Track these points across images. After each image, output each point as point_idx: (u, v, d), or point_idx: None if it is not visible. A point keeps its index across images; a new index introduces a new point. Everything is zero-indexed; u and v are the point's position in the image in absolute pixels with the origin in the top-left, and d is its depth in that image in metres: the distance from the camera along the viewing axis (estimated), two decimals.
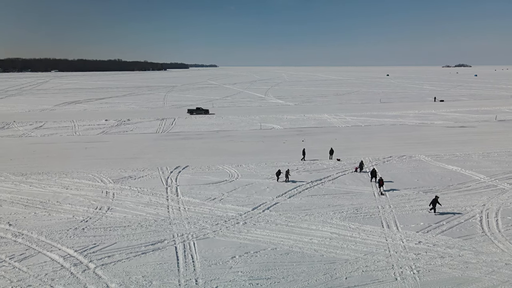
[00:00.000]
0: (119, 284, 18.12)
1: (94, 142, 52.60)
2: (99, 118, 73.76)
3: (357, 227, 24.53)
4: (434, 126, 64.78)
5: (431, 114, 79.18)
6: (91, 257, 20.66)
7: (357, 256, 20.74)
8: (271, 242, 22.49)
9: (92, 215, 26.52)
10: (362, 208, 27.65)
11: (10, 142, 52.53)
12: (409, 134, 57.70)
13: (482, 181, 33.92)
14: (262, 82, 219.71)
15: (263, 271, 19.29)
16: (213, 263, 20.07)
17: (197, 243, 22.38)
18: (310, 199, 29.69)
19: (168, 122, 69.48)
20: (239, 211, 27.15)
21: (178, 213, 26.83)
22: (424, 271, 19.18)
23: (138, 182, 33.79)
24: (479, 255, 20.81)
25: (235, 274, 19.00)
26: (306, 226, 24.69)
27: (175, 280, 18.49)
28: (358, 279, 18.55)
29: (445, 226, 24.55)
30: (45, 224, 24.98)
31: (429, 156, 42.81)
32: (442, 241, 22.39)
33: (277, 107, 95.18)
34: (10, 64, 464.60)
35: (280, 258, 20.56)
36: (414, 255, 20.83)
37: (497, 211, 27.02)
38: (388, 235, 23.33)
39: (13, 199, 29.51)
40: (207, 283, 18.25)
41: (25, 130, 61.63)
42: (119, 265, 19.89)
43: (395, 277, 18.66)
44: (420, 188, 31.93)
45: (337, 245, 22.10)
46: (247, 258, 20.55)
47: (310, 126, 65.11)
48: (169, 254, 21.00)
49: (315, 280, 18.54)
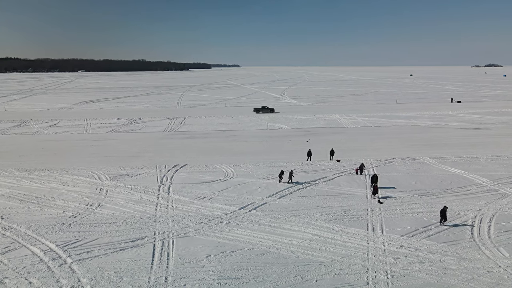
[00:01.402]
0: (90, 279, 18.46)
1: (101, 140, 53.87)
2: (112, 117, 75.48)
3: (341, 229, 24.09)
4: (447, 128, 62.89)
5: (447, 116, 76.89)
6: (71, 252, 21.14)
7: (333, 259, 20.37)
8: (250, 242, 22.39)
9: (82, 211, 27.14)
10: (351, 210, 27.14)
11: (23, 139, 54.47)
12: (418, 135, 56.22)
13: (484, 185, 32.68)
14: (281, 82, 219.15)
15: (235, 271, 19.22)
16: (187, 262, 20.16)
17: (176, 241, 22.53)
18: (300, 200, 29.39)
19: (177, 121, 70.32)
20: (225, 211, 27.17)
21: (165, 211, 27.11)
22: (398, 276, 18.63)
23: (133, 179, 34.35)
24: (461, 261, 20.04)
25: (206, 273, 19.01)
26: (289, 227, 24.45)
27: (145, 277, 18.68)
28: (329, 282, 18.21)
29: (433, 230, 23.79)
30: (35, 218, 25.74)
31: (434, 158, 41.58)
32: (426, 246, 21.70)
33: (290, 107, 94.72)
34: (39, 64, 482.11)
35: (254, 259, 20.44)
36: (393, 259, 20.27)
37: (492, 216, 25.96)
38: (370, 238, 22.81)
39: (11, 194, 30.57)
40: (176, 281, 18.34)
41: (39, 128, 63.78)
42: (95, 260, 20.26)
43: (367, 281, 18.21)
44: (416, 191, 31.06)
45: (315, 247, 21.78)
46: (221, 258, 20.53)
47: (318, 127, 64.46)
48: (145, 251, 21.23)
49: (285, 281, 18.32)
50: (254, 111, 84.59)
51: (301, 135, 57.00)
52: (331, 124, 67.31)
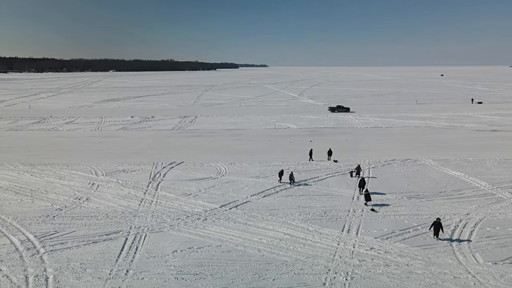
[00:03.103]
0: (55, 269, 19.15)
1: (110, 137, 55.47)
2: (127, 115, 77.50)
3: (316, 229, 23.79)
4: (461, 129, 60.54)
5: (466, 117, 73.97)
6: (46, 243, 21.99)
7: (297, 259, 20.17)
8: (220, 239, 22.51)
9: (69, 204, 28.12)
10: (332, 211, 26.72)
11: (37, 135, 56.91)
12: (429, 137, 54.44)
13: (481, 188, 31.32)
14: (304, 82, 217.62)
15: (195, 267, 19.40)
16: (152, 256, 20.53)
17: (149, 236, 22.98)
18: (283, 199, 29.21)
19: (188, 120, 71.33)
20: (206, 208, 27.42)
21: (148, 207, 27.66)
22: (358, 278, 18.23)
23: (127, 175, 35.21)
24: (429, 266, 19.36)
25: (167, 268, 19.30)
26: (263, 226, 24.38)
27: (108, 269, 19.17)
28: (285, 282, 18.06)
29: (410, 233, 23.08)
30: (24, 210, 26.91)
31: (437, 160, 40.17)
32: (397, 249, 21.10)
33: (305, 107, 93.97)
34: (74, 64, 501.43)
35: (219, 256, 20.55)
36: (358, 261, 19.85)
37: (479, 221, 24.87)
38: (343, 239, 22.40)
39: (9, 186, 32.08)
40: (136, 274, 18.73)
41: (56, 125, 66.41)
42: (66, 252, 20.98)
43: (324, 282, 17.94)
44: (406, 194, 30.19)
45: (284, 246, 21.63)
46: (186, 254, 20.76)
47: (327, 127, 63.65)
48: (116, 245, 21.77)
49: (241, 279, 18.33)
50: (329, 110, 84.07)
51: (306, 135, 56.49)
52: (341, 124, 66.29)
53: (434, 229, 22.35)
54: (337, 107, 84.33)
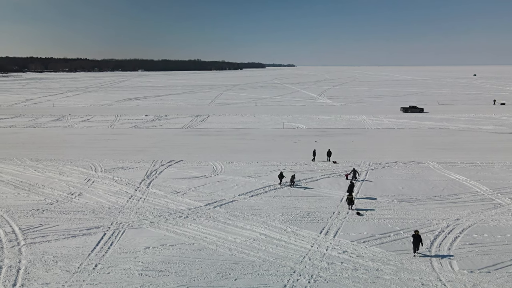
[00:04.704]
0: (29, 261, 19.83)
1: (120, 134, 56.82)
2: (142, 113, 79.12)
3: (293, 230, 23.48)
4: (478, 131, 58.02)
5: (486, 118, 70.82)
6: (28, 235, 22.82)
7: (266, 259, 19.98)
8: (195, 237, 22.62)
9: (61, 199, 29.03)
10: (316, 213, 26.28)
11: (52, 132, 59.08)
12: (441, 139, 52.52)
13: (480, 193, 29.93)
14: (327, 82, 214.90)
15: (162, 264, 19.59)
16: (124, 252, 20.88)
17: (127, 232, 23.39)
18: (270, 199, 29.00)
19: (199, 119, 72.02)
20: (191, 206, 27.61)
21: (135, 203, 28.14)
22: (321, 282, 17.85)
23: (124, 172, 35.96)
24: (400, 271, 18.69)
25: (134, 264, 19.58)
26: (242, 225, 24.30)
27: (78, 263, 19.66)
28: (246, 282, 17.94)
29: (390, 238, 22.37)
30: (18, 203, 28.01)
31: (441, 163, 38.71)
32: (371, 253, 20.50)
33: (321, 107, 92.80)
34: (105, 64, 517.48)
35: (189, 253, 20.65)
36: (327, 264, 19.44)
37: (467, 227, 23.80)
38: (318, 241, 21.99)
39: (11, 180, 33.48)
40: (103, 269, 19.11)
41: (72, 122, 68.72)
42: (44, 245, 21.68)
43: (285, 284, 17.68)
44: (398, 197, 29.27)
45: (256, 246, 21.48)
46: (158, 250, 20.99)
47: (337, 127, 62.59)
48: (93, 240, 22.29)
49: (204, 278, 18.35)
50: (402, 110, 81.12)
51: (314, 135, 55.77)
52: (353, 125, 65.02)
53: (413, 244, 20.22)
54: (410, 108, 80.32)
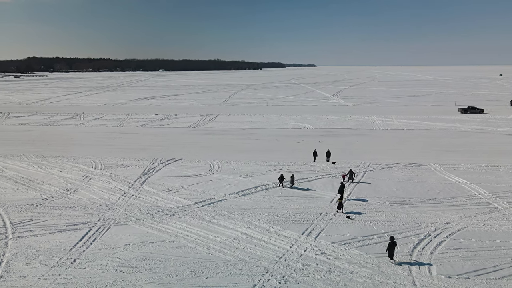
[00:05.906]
0: (12, 254, 20.45)
1: (128, 133, 57.85)
2: (152, 112, 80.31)
3: (276, 231, 23.35)
4: (491, 133, 56.18)
5: (503, 120, 68.47)
6: (17, 229, 23.53)
7: (242, 259, 19.95)
8: (177, 234, 22.81)
9: (57, 195, 29.80)
10: (303, 213, 26.05)
11: (63, 130, 60.71)
12: (449, 140, 51.13)
13: (477, 197, 28.99)
14: (345, 82, 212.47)
15: (138, 260, 19.83)
16: (105, 248, 21.25)
17: (111, 228, 23.78)
18: (259, 199, 28.92)
19: (208, 118, 72.51)
20: (180, 204, 27.85)
21: (126, 200, 28.60)
22: (291, 282, 17.69)
23: (122, 170, 36.58)
24: (375, 275, 18.32)
25: (111, 260, 19.89)
26: (225, 224, 24.34)
27: (58, 257, 20.12)
28: (217, 281, 17.96)
29: (373, 240, 21.94)
30: (15, 198, 28.92)
31: (444, 165, 37.68)
32: (349, 256, 20.17)
33: (333, 107, 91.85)
34: (127, 64, 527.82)
35: (167, 251, 20.83)
36: (302, 265, 19.24)
37: (456, 231, 23.10)
38: (297, 242, 21.80)
39: (13, 176, 34.60)
40: (80, 264, 19.51)
41: (84, 121, 70.42)
42: (30, 239, 22.30)
43: (254, 284, 17.61)
44: (390, 199, 28.69)
45: (235, 245, 21.47)
46: (137, 247, 21.27)
47: (344, 127, 61.83)
48: (77, 235, 22.78)
49: (176, 275, 18.48)
50: (460, 111, 78.97)
51: (319, 135, 55.26)
52: (361, 125, 64.07)
53: (388, 251, 19.55)
54: (469, 108, 77.86)
